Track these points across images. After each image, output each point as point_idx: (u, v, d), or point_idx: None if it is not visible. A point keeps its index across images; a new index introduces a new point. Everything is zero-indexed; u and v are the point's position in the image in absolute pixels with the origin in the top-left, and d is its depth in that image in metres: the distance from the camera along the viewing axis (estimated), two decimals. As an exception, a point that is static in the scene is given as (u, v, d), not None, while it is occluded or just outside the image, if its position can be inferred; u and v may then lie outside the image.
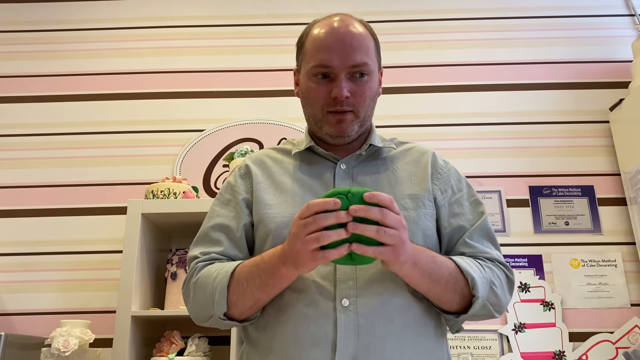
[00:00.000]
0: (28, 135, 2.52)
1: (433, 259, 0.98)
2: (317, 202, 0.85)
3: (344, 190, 0.86)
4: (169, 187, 2.06)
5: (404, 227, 0.88)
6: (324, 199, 0.85)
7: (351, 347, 0.95)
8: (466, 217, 1.12)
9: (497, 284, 1.04)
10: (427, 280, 0.97)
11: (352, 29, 1.10)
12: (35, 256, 2.32)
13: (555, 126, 2.49)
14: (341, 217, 0.84)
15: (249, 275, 0.98)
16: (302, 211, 0.87)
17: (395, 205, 0.87)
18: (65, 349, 1.77)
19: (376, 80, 1.14)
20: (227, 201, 1.15)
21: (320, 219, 0.84)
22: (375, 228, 0.84)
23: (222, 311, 1.00)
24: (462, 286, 1.00)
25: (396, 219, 0.86)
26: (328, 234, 0.84)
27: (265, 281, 0.96)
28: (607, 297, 2.22)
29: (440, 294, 1.00)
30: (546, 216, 2.35)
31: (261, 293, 0.98)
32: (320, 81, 1.09)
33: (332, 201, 0.84)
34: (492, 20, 2.70)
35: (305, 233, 0.85)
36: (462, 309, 1.03)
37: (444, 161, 1.19)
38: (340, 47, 1.07)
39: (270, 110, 2.54)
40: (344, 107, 1.08)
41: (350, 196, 0.85)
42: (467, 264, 1.01)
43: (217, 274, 1.01)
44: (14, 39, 2.70)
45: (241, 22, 2.72)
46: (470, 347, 2.17)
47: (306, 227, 0.85)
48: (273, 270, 0.95)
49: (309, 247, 0.85)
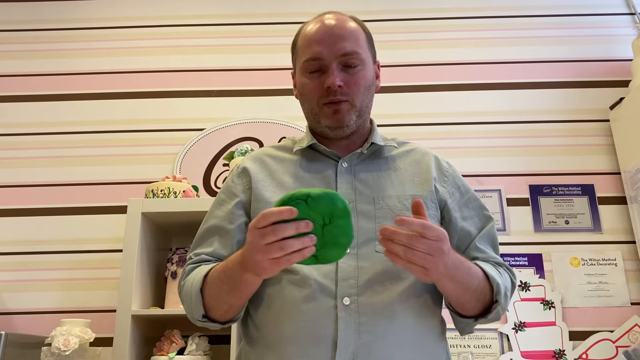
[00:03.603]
0: (28, 134, 2.52)
1: (469, 270, 0.98)
2: (273, 212, 0.80)
3: (302, 194, 0.80)
4: (169, 186, 2.06)
5: (440, 250, 0.84)
6: (280, 207, 0.80)
7: (352, 346, 0.95)
8: (474, 221, 1.13)
9: (508, 289, 1.06)
10: (459, 290, 0.98)
11: (342, 23, 1.12)
12: (35, 255, 2.32)
13: (556, 125, 2.49)
14: (301, 227, 0.80)
15: (218, 281, 0.98)
16: (258, 220, 0.81)
17: (429, 230, 0.82)
18: (66, 348, 1.77)
19: (370, 71, 1.14)
20: (222, 202, 1.15)
21: (279, 231, 0.79)
22: (401, 249, 0.81)
23: (199, 314, 1.01)
24: (486, 293, 1.01)
25: (428, 245, 0.82)
26: (291, 244, 0.80)
27: (232, 287, 0.96)
28: (607, 296, 2.22)
29: (466, 300, 1.01)
30: (546, 215, 2.34)
31: (232, 299, 0.98)
32: (313, 75, 1.10)
33: (287, 210, 0.79)
34: (492, 19, 2.70)
35: (264, 243, 0.81)
36: (479, 313, 1.04)
37: (448, 163, 1.19)
38: (328, 38, 1.09)
39: (271, 109, 2.53)
40: (338, 97, 1.08)
41: (310, 200, 0.80)
42: (493, 271, 1.02)
43: (194, 278, 1.02)
44: (14, 38, 2.69)
45: (241, 20, 2.71)
46: (470, 346, 2.17)
47: (264, 237, 0.81)
48: (236, 277, 0.93)
49: (270, 256, 0.81)
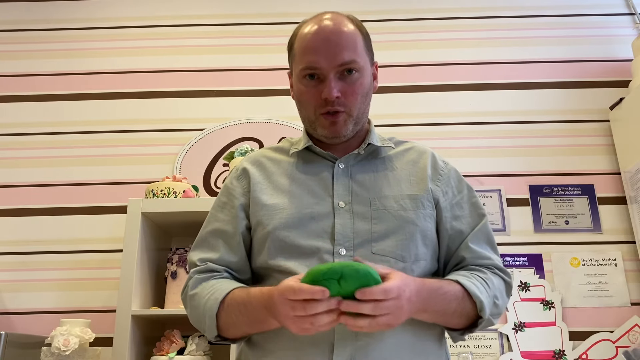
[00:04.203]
0: (28, 134, 2.52)
1: (443, 297, 0.98)
2: (305, 291, 0.83)
3: (336, 271, 0.83)
4: (169, 186, 2.06)
5: (398, 307, 0.87)
6: (313, 288, 0.83)
7: (349, 348, 0.95)
8: (466, 220, 1.11)
9: (498, 296, 1.05)
10: (435, 316, 0.99)
11: (339, 27, 1.08)
12: (35, 255, 2.32)
13: (556, 125, 2.49)
14: (332, 306, 0.84)
15: (237, 312, 0.98)
16: (290, 293, 0.85)
17: (388, 294, 0.85)
18: (66, 348, 1.77)
19: (368, 76, 1.12)
20: (223, 204, 1.14)
21: (310, 309, 0.83)
22: (367, 322, 0.84)
23: (212, 336, 1.02)
24: (469, 309, 1.00)
25: (389, 307, 0.85)
26: (321, 319, 0.84)
27: (252, 322, 0.98)
28: (607, 296, 2.22)
29: (447, 321, 1.01)
30: (546, 215, 2.34)
31: (251, 330, 1.01)
32: (310, 83, 1.08)
33: (320, 291, 0.82)
34: (492, 19, 2.70)
35: (294, 315, 0.85)
36: (466, 326, 1.04)
37: (444, 162, 1.18)
38: (326, 47, 1.06)
39: (270, 109, 2.54)
40: (336, 108, 1.06)
41: (343, 282, 0.83)
42: (474, 285, 1.01)
43: (208, 298, 1.01)
44: (14, 38, 2.69)
45: (241, 20, 2.71)
46: (470, 346, 2.17)
47: (294, 310, 0.85)
48: (259, 317, 0.96)
49: (299, 326, 0.86)
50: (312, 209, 1.06)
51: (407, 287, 0.89)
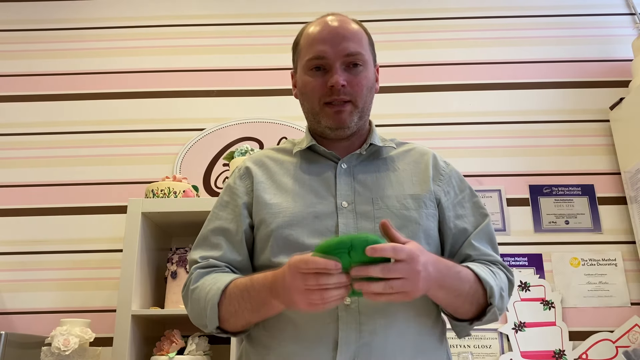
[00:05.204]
0: (28, 134, 2.52)
1: (458, 275, 0.98)
2: (318, 262, 0.83)
3: (345, 243, 0.83)
4: (169, 186, 2.06)
5: (414, 271, 0.85)
6: (326, 260, 0.83)
7: (353, 346, 0.95)
8: (469, 219, 1.12)
9: (504, 289, 1.05)
10: (451, 297, 0.98)
11: (345, 24, 1.13)
12: (35, 255, 2.32)
13: (556, 125, 2.49)
14: (342, 280, 0.83)
15: (240, 298, 0.98)
16: (301, 264, 0.85)
17: (397, 252, 0.84)
18: (66, 348, 1.77)
19: (372, 72, 1.15)
20: (226, 203, 1.15)
21: (322, 280, 0.83)
22: (381, 286, 0.83)
23: (213, 326, 1.01)
24: (480, 295, 1.00)
25: (401, 269, 0.84)
26: (332, 293, 0.84)
27: (255, 308, 0.97)
28: (607, 296, 2.22)
29: (459, 306, 1.01)
30: (546, 215, 2.35)
31: (252, 317, 1.00)
32: (316, 73, 1.10)
33: (333, 264, 0.82)
34: (492, 19, 2.70)
35: (305, 287, 0.84)
36: (474, 316, 1.03)
37: (445, 162, 1.19)
38: (333, 37, 1.10)
39: (271, 109, 2.54)
40: (341, 97, 1.08)
41: (353, 253, 0.83)
42: (485, 273, 1.01)
43: (210, 289, 1.01)
44: (14, 38, 2.69)
45: (241, 20, 2.72)
46: (470, 346, 2.17)
47: (306, 282, 0.84)
48: (262, 301, 0.95)
49: (309, 300, 0.85)
50: (315, 208, 1.06)
51: (423, 254, 0.88)
